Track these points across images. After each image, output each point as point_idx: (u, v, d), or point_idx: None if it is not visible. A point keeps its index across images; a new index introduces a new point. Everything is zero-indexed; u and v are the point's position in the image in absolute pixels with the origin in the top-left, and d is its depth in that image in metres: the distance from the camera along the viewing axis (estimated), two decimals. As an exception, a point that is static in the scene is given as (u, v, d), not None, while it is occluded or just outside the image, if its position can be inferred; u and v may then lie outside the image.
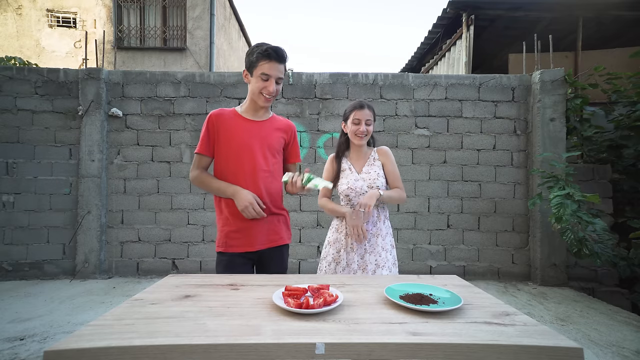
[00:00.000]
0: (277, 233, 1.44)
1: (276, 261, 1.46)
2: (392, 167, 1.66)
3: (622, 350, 1.98)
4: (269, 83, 1.32)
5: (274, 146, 1.43)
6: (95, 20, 6.86)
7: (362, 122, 1.58)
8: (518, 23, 5.14)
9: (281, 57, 1.32)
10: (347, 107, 1.65)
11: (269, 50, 1.29)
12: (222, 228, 1.39)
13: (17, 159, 3.37)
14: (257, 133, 1.40)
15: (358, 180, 1.61)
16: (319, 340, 0.70)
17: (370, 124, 1.60)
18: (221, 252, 1.39)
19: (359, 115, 1.58)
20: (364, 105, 1.59)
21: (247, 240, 1.36)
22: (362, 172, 1.64)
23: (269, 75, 1.31)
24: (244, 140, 1.37)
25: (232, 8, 8.49)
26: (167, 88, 3.49)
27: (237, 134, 1.37)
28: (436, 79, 3.50)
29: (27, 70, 3.43)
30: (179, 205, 3.46)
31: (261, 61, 1.30)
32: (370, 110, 1.60)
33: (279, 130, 1.46)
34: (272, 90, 1.33)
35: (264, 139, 1.40)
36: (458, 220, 3.45)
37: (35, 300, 2.77)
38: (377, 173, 1.62)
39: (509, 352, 0.70)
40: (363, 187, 1.59)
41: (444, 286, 1.07)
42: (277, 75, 1.33)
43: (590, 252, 2.63)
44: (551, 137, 3.28)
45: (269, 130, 1.43)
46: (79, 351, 0.66)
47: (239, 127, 1.38)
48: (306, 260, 3.46)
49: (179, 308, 0.88)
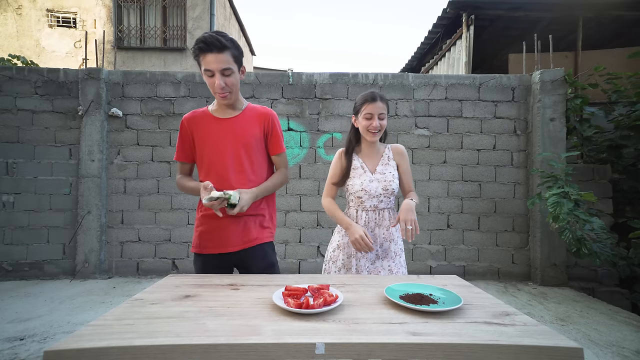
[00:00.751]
0: (251, 234, 1.31)
1: (258, 258, 1.33)
2: (408, 169, 1.55)
3: (622, 350, 1.98)
4: (214, 79, 1.18)
5: (250, 142, 1.31)
6: (95, 20, 6.86)
7: (375, 116, 1.42)
8: (518, 23, 5.14)
9: (216, 46, 1.14)
10: (358, 99, 1.49)
11: (200, 44, 1.14)
12: (196, 228, 1.35)
13: (17, 159, 3.37)
14: (230, 131, 1.30)
15: (372, 181, 1.48)
16: (319, 340, 0.70)
17: (383, 118, 1.44)
18: (196, 253, 1.34)
19: (371, 109, 1.42)
20: (377, 97, 1.43)
21: (220, 241, 1.29)
22: (376, 172, 1.50)
23: (209, 70, 1.17)
24: (215, 141, 1.29)
25: (232, 8, 8.49)
26: (167, 88, 3.49)
27: (209, 136, 1.30)
28: (436, 79, 3.50)
29: (27, 70, 3.43)
30: (179, 205, 3.46)
31: (199, 56, 1.17)
32: (384, 102, 1.44)
33: (254, 122, 1.33)
34: (217, 85, 1.18)
35: (238, 136, 1.29)
36: (458, 220, 3.45)
37: (35, 300, 2.77)
38: (392, 174, 1.50)
39: (509, 352, 0.70)
40: (378, 189, 1.47)
41: (444, 286, 1.07)
42: (219, 67, 1.16)
43: (589, 252, 2.63)
44: (551, 137, 3.28)
45: (243, 125, 1.31)
46: (79, 351, 0.66)
47: (210, 128, 1.30)
48: (306, 260, 3.46)
49: (179, 308, 0.88)
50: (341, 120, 3.49)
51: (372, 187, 1.47)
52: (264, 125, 1.34)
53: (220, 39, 1.15)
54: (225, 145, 1.29)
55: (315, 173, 3.48)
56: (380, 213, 1.50)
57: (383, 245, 1.48)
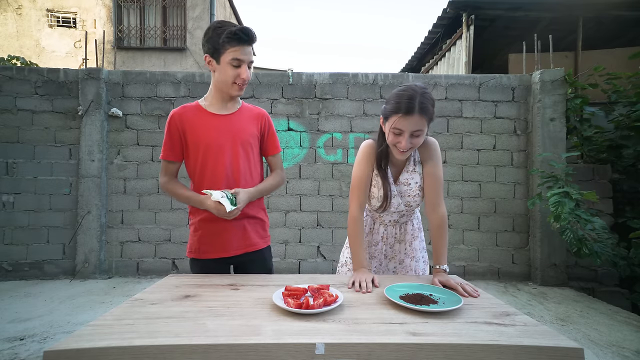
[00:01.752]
0: (252, 238, 1.29)
1: (258, 264, 1.31)
2: (433, 171, 1.18)
3: (622, 350, 1.98)
4: (242, 69, 1.15)
5: (248, 141, 1.26)
6: (95, 20, 6.86)
7: (406, 134, 1.05)
8: (518, 23, 5.14)
9: (252, 39, 1.15)
10: (390, 98, 1.09)
11: (239, 33, 1.10)
12: (193, 233, 1.28)
13: (17, 159, 3.37)
14: (228, 129, 1.23)
15: (395, 196, 1.20)
16: (319, 340, 0.70)
17: (419, 135, 1.06)
18: (194, 258, 1.28)
19: (403, 125, 1.04)
20: (413, 108, 1.01)
21: (221, 245, 1.25)
22: (400, 183, 1.22)
23: (241, 60, 1.14)
24: (212, 139, 1.21)
25: (232, 8, 8.50)
26: (167, 88, 3.49)
27: (204, 133, 1.21)
28: (436, 79, 3.50)
29: (27, 70, 3.43)
30: (179, 205, 3.46)
31: (230, 46, 1.12)
32: (423, 116, 1.03)
33: (252, 121, 1.28)
34: (246, 77, 1.16)
35: (236, 134, 1.23)
36: (458, 220, 3.45)
37: (35, 300, 2.77)
38: (419, 185, 1.21)
39: (509, 352, 0.70)
40: (400, 206, 1.22)
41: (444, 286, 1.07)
42: (249, 59, 1.16)
43: (589, 252, 2.62)
44: (551, 137, 3.28)
45: (241, 123, 1.25)
46: (79, 351, 0.66)
47: (206, 124, 1.22)
48: (306, 260, 3.46)
49: (179, 308, 0.88)
50: (341, 120, 3.49)
51: (392, 203, 1.21)
52: (260, 124, 1.31)
53: (254, 32, 1.15)
54: (224, 143, 1.22)
55: (315, 173, 3.48)
56: (403, 227, 1.31)
57: (404, 262, 1.31)
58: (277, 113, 3.48)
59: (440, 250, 1.16)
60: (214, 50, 1.15)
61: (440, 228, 1.18)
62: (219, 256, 1.26)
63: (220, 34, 1.11)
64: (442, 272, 1.13)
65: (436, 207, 1.19)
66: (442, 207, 1.19)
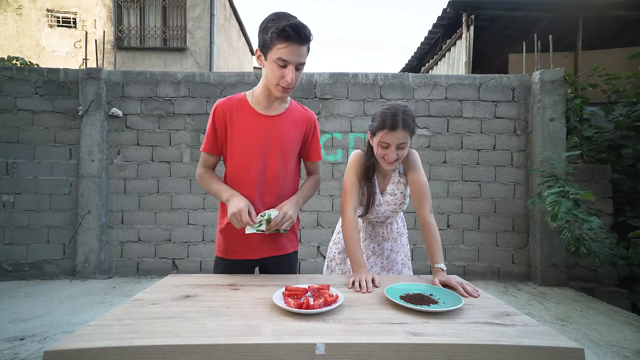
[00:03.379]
0: (280, 242, 1.26)
1: (283, 267, 1.28)
2: (417, 178, 1.27)
3: (622, 350, 1.98)
4: (287, 71, 1.05)
5: (289, 147, 1.21)
6: (95, 20, 6.86)
7: (392, 147, 1.17)
8: (518, 23, 5.14)
9: (303, 38, 1.03)
10: (376, 116, 1.22)
11: (288, 30, 0.99)
12: (221, 232, 1.25)
13: (17, 159, 3.37)
14: (272, 132, 1.17)
15: (381, 204, 1.33)
16: (319, 340, 0.70)
17: (404, 147, 1.18)
18: (220, 257, 1.27)
19: (389, 139, 1.16)
20: (397, 125, 1.14)
21: (249, 247, 1.22)
22: (386, 193, 1.33)
23: (287, 61, 1.03)
24: (255, 140, 1.16)
25: (232, 8, 8.49)
26: (167, 88, 3.49)
27: (248, 133, 1.16)
28: (436, 79, 3.50)
29: (27, 70, 3.43)
30: (179, 205, 3.46)
31: (278, 43, 1.02)
32: (406, 130, 1.15)
33: (297, 125, 1.23)
34: (290, 80, 1.06)
35: (280, 139, 1.18)
36: (458, 220, 3.45)
37: (35, 300, 2.76)
38: (403, 194, 1.33)
39: (510, 353, 0.70)
40: (386, 212, 1.34)
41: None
42: (298, 60, 1.05)
43: (588, 251, 2.62)
44: (551, 137, 3.28)
45: (286, 126, 1.20)
46: (79, 351, 0.66)
47: (251, 124, 1.16)
48: (306, 260, 3.45)
49: (179, 308, 0.88)
50: (341, 120, 3.49)
51: (380, 210, 1.34)
52: (305, 129, 1.25)
53: (308, 31, 1.04)
54: (267, 146, 1.17)
55: (315, 173, 3.47)
56: (389, 227, 1.42)
57: (390, 257, 1.41)
58: (277, 113, 3.47)
59: (434, 249, 1.19)
60: (263, 44, 1.06)
61: (426, 230, 1.23)
62: (246, 258, 1.24)
63: (271, 27, 1.02)
64: (441, 271, 1.14)
65: (420, 211, 1.27)
66: (425, 211, 1.25)
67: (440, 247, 1.20)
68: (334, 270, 1.47)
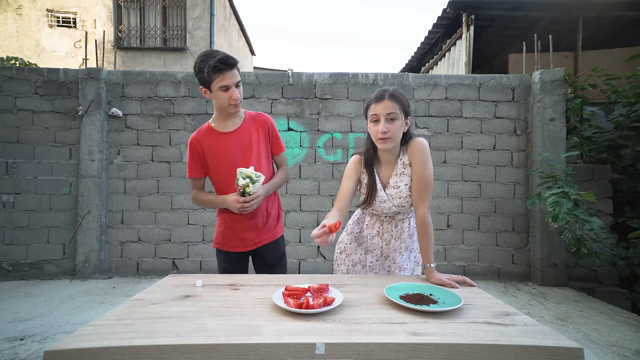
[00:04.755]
0: (270, 231, 1.51)
1: (272, 251, 1.52)
2: (421, 170, 1.20)
3: (622, 350, 1.98)
4: (232, 92, 1.32)
5: (255, 150, 1.43)
6: (95, 20, 6.87)
7: (382, 117, 1.16)
8: (518, 23, 5.14)
9: (232, 65, 1.30)
10: (368, 100, 1.25)
11: (218, 64, 1.27)
12: (218, 227, 1.51)
13: (17, 159, 3.37)
14: (237, 143, 1.41)
15: (385, 200, 1.26)
16: (319, 340, 0.70)
17: (395, 119, 1.16)
18: (217, 248, 1.52)
19: (377, 110, 1.17)
20: (384, 96, 1.16)
21: (241, 242, 1.46)
22: (389, 186, 1.26)
23: (227, 86, 1.31)
24: (226, 155, 1.41)
25: (232, 8, 8.50)
26: (167, 88, 3.49)
27: (219, 152, 1.41)
28: (436, 79, 3.50)
29: (27, 70, 3.43)
30: (179, 205, 3.46)
31: (215, 76, 1.29)
32: (393, 100, 1.16)
33: (256, 129, 1.46)
34: (236, 97, 1.33)
35: (246, 146, 1.42)
36: (458, 220, 3.45)
37: (35, 300, 2.77)
38: (408, 187, 1.24)
39: (509, 352, 0.70)
40: (391, 209, 1.27)
41: (443, 286, 1.07)
42: (235, 81, 1.32)
43: (588, 251, 2.62)
44: (551, 137, 3.28)
45: (247, 134, 1.44)
46: (79, 351, 0.66)
47: (219, 144, 1.41)
48: (306, 260, 3.46)
49: (179, 308, 0.88)
50: (341, 120, 3.49)
51: (384, 207, 1.27)
52: (265, 130, 1.48)
53: (233, 58, 1.31)
54: (237, 157, 1.41)
55: (316, 173, 3.48)
56: (399, 225, 1.32)
57: (396, 260, 1.33)
58: (277, 113, 3.48)
59: (425, 249, 1.19)
60: (204, 82, 1.32)
61: (422, 228, 1.19)
62: (238, 250, 1.48)
63: (203, 68, 1.28)
64: (434, 270, 1.14)
65: (417, 207, 1.21)
66: (423, 208, 1.19)
67: (432, 247, 1.19)
68: (336, 271, 1.46)
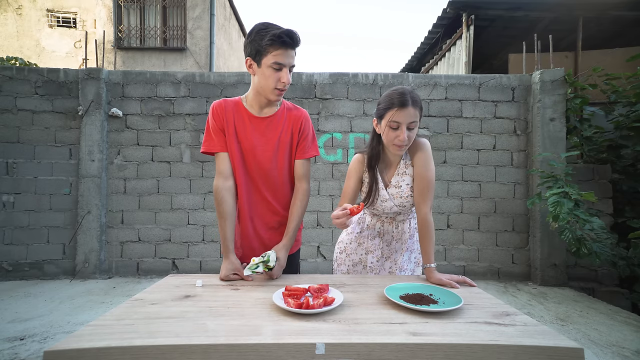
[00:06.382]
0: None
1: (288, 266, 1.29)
2: (423, 172, 1.18)
3: (622, 350, 1.98)
4: (283, 73, 1.12)
5: (281, 145, 1.25)
6: (95, 20, 6.86)
7: (404, 126, 1.09)
8: (518, 23, 5.14)
9: (297, 42, 1.12)
10: (383, 99, 1.16)
11: (283, 36, 1.07)
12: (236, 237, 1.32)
13: (17, 159, 3.37)
14: (265, 132, 1.23)
15: (386, 200, 1.23)
16: (319, 340, 0.70)
17: (414, 127, 1.11)
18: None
19: (399, 117, 1.09)
20: (407, 102, 1.08)
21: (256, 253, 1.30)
22: (391, 186, 1.23)
23: (282, 64, 1.10)
24: (250, 142, 1.21)
25: (232, 8, 8.49)
26: (167, 88, 3.49)
27: (243, 135, 1.21)
28: (436, 79, 3.50)
29: (27, 70, 3.43)
30: (179, 205, 3.46)
31: (273, 49, 1.08)
32: (416, 107, 1.10)
33: (288, 123, 1.26)
34: (287, 80, 1.13)
35: (272, 139, 1.23)
36: (458, 220, 3.45)
37: (35, 300, 2.77)
38: (410, 186, 1.21)
39: (509, 352, 0.70)
40: (392, 209, 1.24)
41: (443, 286, 1.07)
42: (291, 62, 1.13)
43: (589, 251, 2.62)
44: (551, 137, 3.28)
45: (278, 126, 1.24)
46: (79, 351, 0.66)
47: (246, 126, 1.21)
48: (306, 260, 3.45)
49: (179, 308, 0.88)
50: (341, 120, 3.49)
51: (385, 206, 1.24)
52: (296, 126, 1.27)
53: (299, 35, 1.12)
54: (260, 147, 1.22)
55: (316, 173, 3.48)
56: (400, 225, 1.31)
57: (397, 261, 1.32)
58: (277, 113, 3.48)
59: (426, 249, 1.17)
60: (256, 53, 1.12)
61: (424, 228, 1.17)
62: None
63: (264, 36, 1.08)
64: (434, 270, 1.13)
65: (419, 208, 1.19)
66: (425, 208, 1.18)
67: (432, 247, 1.17)
68: (336, 271, 1.45)
